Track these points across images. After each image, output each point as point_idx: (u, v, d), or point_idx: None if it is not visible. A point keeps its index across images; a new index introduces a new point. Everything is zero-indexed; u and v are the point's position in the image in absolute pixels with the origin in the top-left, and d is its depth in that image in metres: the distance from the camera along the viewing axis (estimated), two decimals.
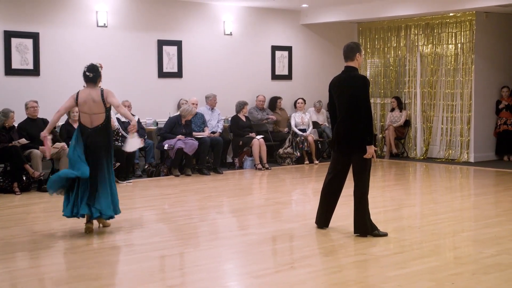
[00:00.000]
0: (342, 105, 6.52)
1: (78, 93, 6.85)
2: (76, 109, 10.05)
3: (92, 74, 6.88)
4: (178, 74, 12.11)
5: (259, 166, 11.71)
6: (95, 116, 6.72)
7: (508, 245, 6.08)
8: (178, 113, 11.26)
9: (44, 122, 9.86)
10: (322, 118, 13.50)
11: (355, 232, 6.44)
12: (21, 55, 10.42)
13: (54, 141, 9.71)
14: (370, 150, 6.47)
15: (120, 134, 10.45)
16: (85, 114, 6.75)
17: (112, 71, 11.32)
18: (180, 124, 11.08)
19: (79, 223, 7.27)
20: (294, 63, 13.75)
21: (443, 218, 7.42)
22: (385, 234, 6.42)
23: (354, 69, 6.57)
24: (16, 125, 9.63)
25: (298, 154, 12.52)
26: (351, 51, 6.51)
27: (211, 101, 11.96)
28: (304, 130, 12.71)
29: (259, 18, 13.19)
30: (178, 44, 12.05)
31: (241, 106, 12.13)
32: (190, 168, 11.07)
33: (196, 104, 11.66)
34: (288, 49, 13.65)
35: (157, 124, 11.51)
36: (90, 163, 6.56)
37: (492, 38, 12.77)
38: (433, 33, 13.10)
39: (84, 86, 6.92)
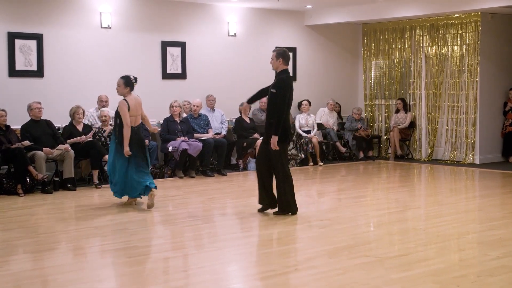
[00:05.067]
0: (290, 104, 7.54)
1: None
2: (81, 110, 10.18)
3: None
4: (182, 76, 12.13)
5: None
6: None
7: None
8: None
9: (48, 123, 9.88)
10: (332, 121, 13.43)
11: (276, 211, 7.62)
12: (25, 56, 10.45)
13: (57, 142, 9.75)
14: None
15: None
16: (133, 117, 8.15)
17: (116, 73, 11.31)
18: (174, 121, 11.10)
19: (83, 225, 7.29)
20: (299, 64, 13.75)
21: (448, 220, 7.41)
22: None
23: None
24: (10, 126, 9.61)
25: (303, 155, 12.53)
26: None
27: (208, 102, 12.02)
28: (308, 132, 12.72)
29: (263, 19, 13.20)
30: (182, 45, 12.07)
31: (240, 105, 12.11)
32: (194, 170, 11.08)
33: (198, 106, 11.63)
34: (292, 50, 13.64)
35: (161, 125, 11.52)
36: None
37: (497, 39, 12.75)
38: (438, 34, 13.09)
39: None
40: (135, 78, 8.14)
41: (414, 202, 8.93)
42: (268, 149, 7.42)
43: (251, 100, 7.94)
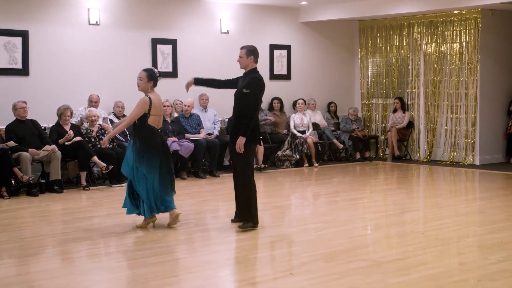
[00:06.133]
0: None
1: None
2: (69, 112, 10.13)
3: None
4: (173, 74, 12.11)
5: (255, 166, 11.73)
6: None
7: None
8: None
9: (34, 123, 9.85)
10: (319, 118, 13.53)
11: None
12: (10, 54, 10.41)
13: (44, 143, 9.72)
14: None
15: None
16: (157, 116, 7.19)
17: (105, 71, 11.33)
18: (165, 121, 11.07)
19: (70, 228, 7.26)
20: (293, 62, 13.76)
21: (447, 222, 7.42)
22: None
23: None
24: None
25: (297, 156, 12.53)
26: None
27: (201, 101, 12.02)
28: (303, 132, 12.72)
29: (257, 16, 13.20)
30: (173, 42, 12.06)
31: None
32: (185, 171, 11.07)
33: (190, 106, 11.62)
34: (287, 48, 13.66)
35: None
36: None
37: (498, 37, 12.79)
38: (437, 32, 13.12)
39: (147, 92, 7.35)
40: (159, 73, 7.42)
41: (412, 204, 8.94)
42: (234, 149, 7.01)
43: (199, 82, 7.55)
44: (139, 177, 6.97)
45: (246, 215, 6.99)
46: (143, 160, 6.96)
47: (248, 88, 7.00)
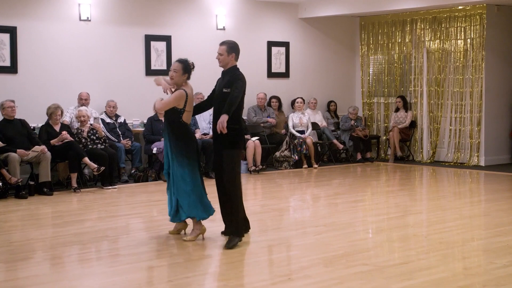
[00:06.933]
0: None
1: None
2: (59, 112, 10.12)
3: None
4: (167, 72, 12.04)
5: (253, 168, 11.74)
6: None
7: None
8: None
9: (22, 123, 9.84)
10: (320, 117, 13.54)
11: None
12: None
13: (33, 143, 9.70)
14: None
15: (104, 137, 10.43)
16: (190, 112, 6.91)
17: (96, 69, 11.32)
18: (159, 121, 11.08)
19: (61, 232, 7.25)
20: (292, 60, 13.77)
21: (451, 226, 7.43)
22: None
23: None
24: None
25: (296, 157, 12.53)
26: None
27: (196, 100, 12.01)
28: (302, 132, 12.72)
29: (254, 12, 13.21)
30: (167, 39, 12.05)
31: None
32: None
33: None
34: (285, 45, 13.67)
35: (144, 125, 11.49)
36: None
37: (504, 33, 12.81)
38: (440, 28, 13.14)
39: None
40: (193, 64, 7.15)
41: (415, 207, 8.95)
42: (221, 153, 6.57)
43: None
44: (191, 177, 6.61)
45: (233, 228, 6.61)
46: (184, 162, 6.61)
47: (229, 87, 6.65)
